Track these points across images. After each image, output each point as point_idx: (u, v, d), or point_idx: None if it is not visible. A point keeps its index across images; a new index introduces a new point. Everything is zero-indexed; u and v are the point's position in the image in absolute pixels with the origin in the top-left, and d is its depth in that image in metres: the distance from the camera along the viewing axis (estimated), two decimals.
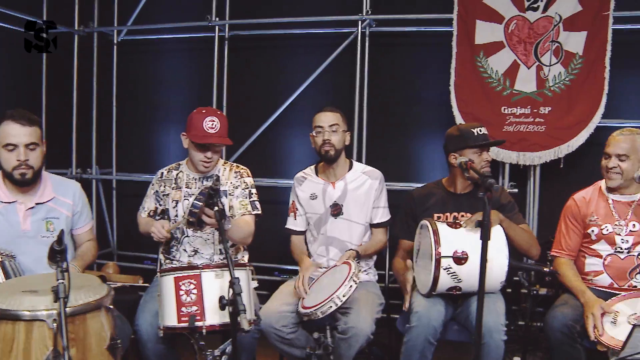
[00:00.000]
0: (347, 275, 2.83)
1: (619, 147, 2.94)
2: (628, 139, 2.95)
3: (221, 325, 2.51)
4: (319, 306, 2.77)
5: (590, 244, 3.08)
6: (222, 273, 2.54)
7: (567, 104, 3.95)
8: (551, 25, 3.94)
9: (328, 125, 3.22)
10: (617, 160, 2.94)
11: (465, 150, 3.04)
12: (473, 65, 4.02)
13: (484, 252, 2.39)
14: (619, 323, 2.69)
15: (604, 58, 3.91)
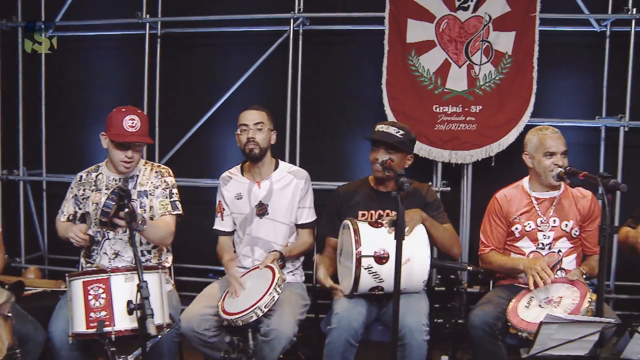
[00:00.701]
0: (270, 284, 2.78)
1: (561, 145, 3.00)
2: (561, 136, 3.04)
3: (131, 330, 2.42)
4: (241, 315, 2.73)
5: (514, 242, 3.11)
6: (133, 276, 2.45)
7: (498, 103, 3.99)
8: (481, 25, 3.97)
9: (253, 123, 3.16)
10: (562, 158, 2.99)
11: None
12: (405, 63, 4.01)
13: (398, 251, 2.38)
14: (531, 307, 2.73)
15: (532, 58, 3.96)
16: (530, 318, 2.63)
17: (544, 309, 2.65)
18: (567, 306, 2.58)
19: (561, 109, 4.31)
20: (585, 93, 4.32)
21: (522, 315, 2.68)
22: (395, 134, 3.00)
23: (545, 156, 2.98)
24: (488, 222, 3.17)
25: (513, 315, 2.69)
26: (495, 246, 3.13)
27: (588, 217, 3.06)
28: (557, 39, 4.26)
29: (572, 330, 2.17)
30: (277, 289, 2.77)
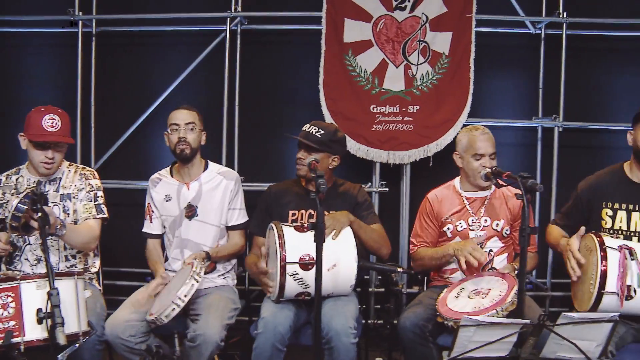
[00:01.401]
0: (188, 274, 2.70)
1: (490, 147, 2.99)
2: (491, 137, 3.03)
3: (42, 340, 2.31)
4: (163, 310, 2.63)
5: (446, 242, 3.09)
6: (45, 284, 2.34)
7: (435, 103, 4.00)
8: (418, 25, 3.98)
9: (184, 123, 3.08)
10: (489, 159, 2.98)
11: None
12: (342, 63, 3.98)
13: (318, 254, 2.34)
14: (460, 297, 2.72)
15: (469, 58, 3.99)
16: (457, 308, 2.62)
17: (471, 300, 2.65)
18: (494, 297, 2.58)
19: (499, 109, 4.37)
20: (522, 94, 4.38)
21: (450, 305, 2.67)
22: (315, 133, 2.96)
23: (473, 158, 2.98)
24: (419, 222, 3.16)
25: (441, 305, 2.68)
26: (425, 243, 3.12)
27: (519, 216, 3.06)
28: (495, 40, 4.32)
29: (491, 332, 2.16)
30: (196, 277, 2.68)
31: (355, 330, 2.68)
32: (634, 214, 2.68)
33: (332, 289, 2.76)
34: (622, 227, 2.69)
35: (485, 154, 2.96)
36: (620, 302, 2.42)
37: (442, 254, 2.97)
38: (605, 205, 2.73)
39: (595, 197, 2.77)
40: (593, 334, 2.15)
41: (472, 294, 2.71)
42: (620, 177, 2.76)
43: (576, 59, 4.30)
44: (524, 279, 2.32)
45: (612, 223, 2.71)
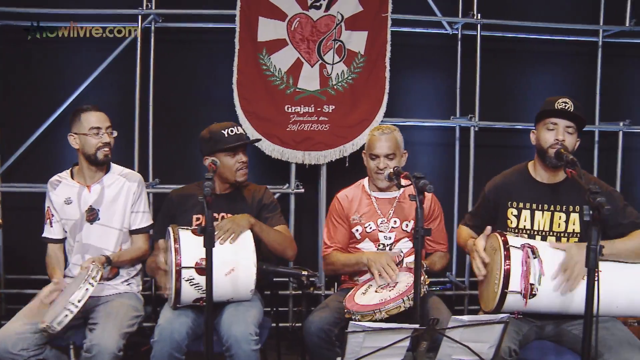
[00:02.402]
0: (83, 278, 2.60)
1: (386, 147, 2.95)
2: (391, 138, 2.98)
3: None
4: (55, 317, 2.52)
5: (355, 243, 3.07)
6: None
7: (351, 103, 3.99)
8: (333, 24, 3.96)
9: (106, 127, 2.99)
10: (386, 160, 2.95)
11: (218, 153, 2.91)
12: (256, 63, 3.94)
13: (208, 258, 2.28)
14: (368, 293, 2.71)
15: (385, 58, 4.01)
16: (364, 301, 2.61)
17: (378, 293, 2.64)
18: (400, 289, 2.58)
19: (418, 109, 4.41)
20: (441, 93, 4.44)
21: (357, 300, 2.65)
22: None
23: (370, 158, 2.98)
24: (330, 223, 3.12)
25: (349, 301, 2.66)
26: (338, 247, 3.08)
27: (429, 216, 3.07)
28: (414, 40, 4.37)
29: (381, 337, 2.14)
30: (91, 280, 2.58)
31: (256, 337, 2.61)
32: (537, 213, 2.69)
33: (231, 294, 2.70)
34: (527, 226, 2.70)
35: (380, 154, 2.95)
36: (524, 300, 2.42)
37: (355, 261, 2.94)
38: (510, 204, 2.74)
39: (501, 197, 2.78)
40: (485, 336, 2.15)
41: (380, 288, 2.70)
42: (524, 177, 2.77)
43: (492, 59, 4.38)
44: (419, 282, 2.28)
45: (517, 222, 2.72)
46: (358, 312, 2.53)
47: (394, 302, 2.46)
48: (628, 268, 2.48)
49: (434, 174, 4.45)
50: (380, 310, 2.47)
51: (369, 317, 2.48)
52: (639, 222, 2.58)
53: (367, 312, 2.49)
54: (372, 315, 2.47)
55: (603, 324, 2.46)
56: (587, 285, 2.09)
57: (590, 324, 2.07)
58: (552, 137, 2.59)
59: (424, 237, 2.33)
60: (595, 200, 2.02)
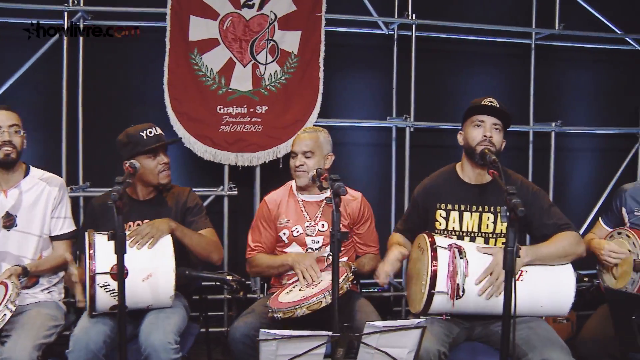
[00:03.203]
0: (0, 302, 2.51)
1: (303, 145, 2.93)
2: (312, 136, 2.96)
3: None
4: None
5: (283, 247, 3.03)
6: None
7: (284, 103, 3.97)
8: (266, 24, 3.93)
9: (8, 125, 2.85)
10: (303, 158, 2.92)
11: (138, 156, 2.84)
12: (187, 62, 3.87)
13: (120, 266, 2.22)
14: (292, 292, 2.69)
15: (319, 58, 4.00)
16: (287, 299, 2.59)
17: (302, 291, 2.63)
18: (323, 286, 2.56)
19: (355, 109, 4.42)
20: (377, 94, 4.46)
21: (280, 299, 2.63)
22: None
23: (291, 156, 2.98)
24: (257, 226, 3.08)
25: (272, 300, 2.64)
26: (263, 249, 3.05)
27: (359, 219, 3.05)
28: (350, 41, 4.37)
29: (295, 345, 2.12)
30: (9, 305, 2.50)
31: (176, 345, 2.54)
32: (465, 214, 2.70)
33: (151, 301, 2.64)
34: (455, 228, 2.71)
35: (298, 151, 2.93)
36: (451, 301, 2.42)
37: (280, 263, 2.92)
38: (439, 206, 2.74)
39: (429, 199, 2.78)
40: (404, 341, 2.14)
41: (304, 287, 2.69)
42: (452, 178, 2.78)
43: (428, 60, 4.43)
44: (337, 286, 2.24)
45: (445, 224, 2.72)
46: (279, 310, 2.50)
47: (315, 298, 2.44)
48: (551, 269, 2.52)
49: (371, 175, 4.48)
50: (300, 306, 2.44)
51: (289, 314, 2.46)
52: (561, 223, 2.62)
53: (288, 309, 2.47)
54: (293, 311, 2.45)
55: (528, 323, 2.52)
56: (505, 286, 2.10)
57: (508, 325, 2.08)
58: (480, 135, 2.61)
59: (341, 240, 2.28)
60: (511, 202, 2.03)
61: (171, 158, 3.00)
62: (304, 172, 2.93)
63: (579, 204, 4.88)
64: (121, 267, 2.24)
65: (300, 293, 2.62)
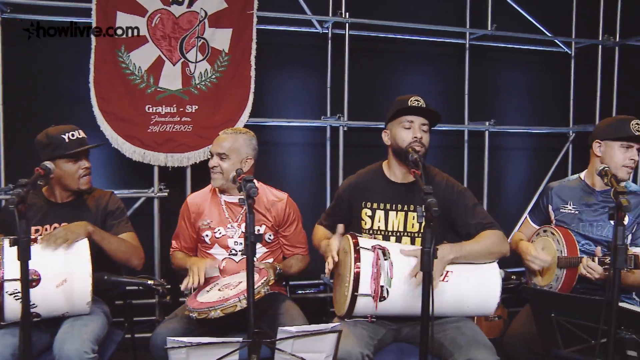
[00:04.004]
0: None
1: (219, 146, 2.90)
2: (230, 138, 2.92)
3: None
4: None
5: (207, 249, 3.00)
6: None
7: (215, 103, 3.92)
8: (196, 21, 3.87)
9: None
10: (218, 160, 2.89)
11: (58, 160, 2.75)
12: (114, 60, 3.77)
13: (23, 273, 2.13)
14: (211, 291, 2.66)
15: (250, 57, 3.97)
16: (204, 299, 2.55)
17: (220, 292, 2.59)
18: (241, 288, 2.53)
19: (290, 108, 4.40)
20: (312, 93, 4.45)
21: (198, 298, 2.59)
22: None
23: (211, 156, 2.96)
24: (179, 224, 3.05)
25: (191, 299, 2.59)
26: (184, 249, 3.03)
27: (284, 220, 3.04)
28: (285, 39, 4.35)
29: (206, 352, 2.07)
30: None
31: (93, 354, 2.44)
32: (391, 213, 2.70)
33: (66, 308, 2.55)
34: (381, 227, 2.70)
35: (214, 152, 2.92)
36: (374, 303, 2.41)
37: (184, 266, 2.89)
38: (364, 205, 2.73)
39: (355, 197, 2.77)
40: (320, 346, 2.13)
41: (223, 287, 2.66)
42: (379, 177, 2.77)
43: (364, 59, 4.46)
44: (252, 290, 2.20)
45: (371, 223, 2.72)
46: (195, 310, 2.46)
47: (231, 301, 2.41)
48: (476, 268, 2.54)
49: (306, 175, 4.47)
50: (215, 308, 2.41)
51: (204, 315, 2.42)
52: (485, 222, 2.64)
53: (203, 310, 2.43)
54: (207, 313, 2.42)
55: (454, 323, 2.55)
56: (423, 288, 2.09)
57: (427, 326, 2.09)
58: (410, 136, 2.61)
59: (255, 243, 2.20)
60: (427, 201, 2.03)
61: (99, 159, 2.93)
62: (219, 173, 2.91)
63: (514, 202, 5.00)
64: (25, 274, 2.15)
65: (219, 293, 2.58)
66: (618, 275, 2.04)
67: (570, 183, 3.05)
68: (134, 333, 3.14)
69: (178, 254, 3.04)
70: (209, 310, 2.42)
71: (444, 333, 2.51)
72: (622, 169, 2.81)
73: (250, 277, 2.12)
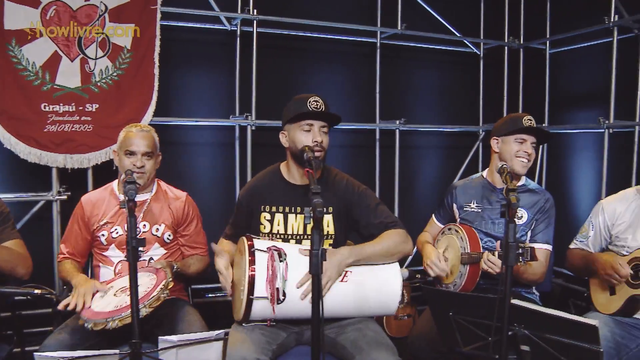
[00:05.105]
0: None
1: (143, 145, 2.82)
2: (148, 135, 2.86)
3: None
4: None
5: (102, 251, 2.88)
6: None
7: (117, 101, 3.78)
8: (96, 15, 3.71)
9: None
10: (144, 159, 2.80)
11: None
12: (4, 54, 3.54)
13: None
14: (106, 297, 2.55)
15: (154, 54, 3.85)
16: (99, 308, 2.44)
17: (116, 297, 2.49)
18: (139, 293, 2.43)
19: (199, 107, 4.32)
20: (221, 92, 4.39)
21: (93, 307, 2.47)
22: None
23: (126, 155, 2.82)
24: (71, 228, 2.91)
25: (85, 309, 2.46)
26: (73, 254, 2.88)
27: (183, 219, 2.97)
28: (192, 36, 4.26)
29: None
30: None
31: None
32: (290, 216, 2.66)
33: None
34: (280, 231, 2.66)
35: (137, 152, 2.81)
36: (272, 306, 2.36)
37: (70, 282, 2.73)
38: (263, 209, 2.69)
39: (254, 202, 2.71)
40: (207, 354, 2.10)
41: (119, 291, 2.55)
42: (277, 179, 2.73)
43: (272, 57, 4.42)
44: (137, 297, 2.10)
45: (270, 227, 2.67)
46: (90, 320, 2.35)
47: (128, 311, 2.29)
48: (376, 268, 2.54)
49: (215, 175, 4.41)
50: (113, 319, 2.31)
51: (101, 326, 2.32)
52: (388, 221, 2.64)
53: (100, 321, 2.32)
54: (105, 323, 2.31)
55: (356, 325, 2.55)
56: (312, 291, 2.06)
57: (318, 328, 2.06)
58: (310, 140, 2.55)
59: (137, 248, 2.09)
60: (312, 201, 1.99)
61: None
62: (143, 173, 2.82)
63: (426, 200, 5.10)
64: None
65: (114, 300, 2.47)
66: (510, 272, 2.09)
67: (474, 181, 3.13)
68: (25, 346, 2.99)
69: (67, 264, 2.85)
70: (107, 321, 2.32)
71: (345, 335, 2.51)
72: (516, 160, 2.91)
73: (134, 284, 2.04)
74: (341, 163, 4.63)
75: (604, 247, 2.91)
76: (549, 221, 2.93)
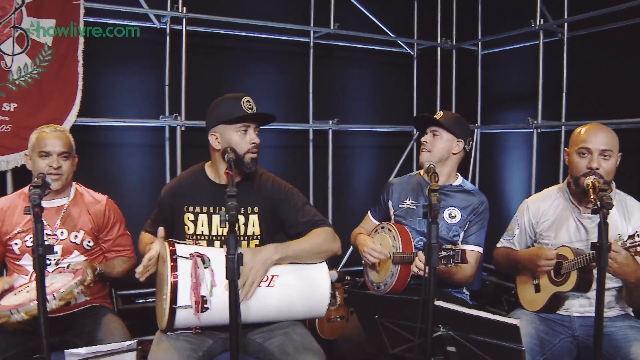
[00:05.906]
0: None
1: (58, 145, 2.71)
2: (63, 135, 2.75)
3: None
4: None
5: (16, 260, 2.74)
6: None
7: (38, 101, 3.63)
8: (11, 8, 3.54)
9: None
10: (60, 160, 2.71)
11: None
12: None
13: None
14: (19, 294, 2.46)
15: (77, 51, 3.72)
16: (9, 302, 2.35)
17: (28, 294, 2.40)
18: (53, 289, 2.34)
19: (126, 108, 4.21)
20: (150, 91, 4.28)
21: (3, 302, 2.38)
22: None
23: (41, 157, 2.70)
24: None
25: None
26: None
27: (104, 223, 2.88)
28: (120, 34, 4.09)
29: None
30: None
31: None
32: (214, 216, 2.59)
33: None
34: (204, 232, 2.59)
35: (53, 152, 2.70)
36: (196, 315, 2.28)
37: None
38: (187, 209, 2.61)
39: (177, 202, 2.64)
40: None
41: (33, 289, 2.43)
42: (200, 179, 2.66)
43: (203, 56, 4.36)
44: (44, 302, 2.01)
45: (194, 228, 2.60)
46: None
47: (34, 302, 2.19)
48: (304, 271, 2.50)
49: (146, 177, 4.31)
50: (18, 311, 2.22)
51: (4, 319, 2.22)
52: (316, 220, 2.61)
53: (3, 313, 2.23)
54: (8, 316, 2.22)
55: (283, 329, 2.51)
56: (230, 295, 2.00)
57: (237, 334, 2.01)
58: (247, 142, 2.51)
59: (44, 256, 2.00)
60: (227, 204, 1.95)
61: None
62: (61, 175, 2.72)
63: (360, 200, 5.12)
64: None
65: (27, 295, 2.38)
66: (433, 274, 2.09)
67: (411, 179, 3.15)
68: None
69: None
70: (10, 312, 2.21)
71: (272, 340, 2.48)
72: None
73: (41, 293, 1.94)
74: (274, 164, 4.60)
75: (529, 245, 2.97)
76: (482, 224, 2.97)
